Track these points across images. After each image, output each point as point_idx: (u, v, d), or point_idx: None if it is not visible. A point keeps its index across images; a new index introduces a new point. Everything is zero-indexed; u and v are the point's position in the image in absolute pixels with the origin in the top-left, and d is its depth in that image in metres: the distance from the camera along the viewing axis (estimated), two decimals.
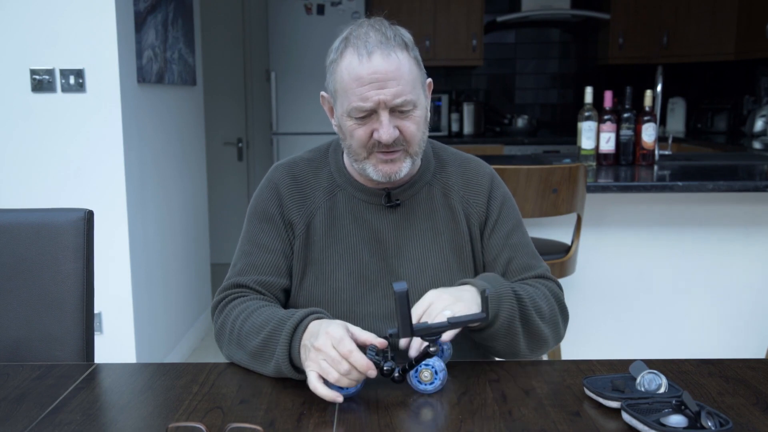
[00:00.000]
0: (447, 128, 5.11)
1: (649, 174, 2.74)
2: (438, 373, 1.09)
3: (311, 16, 4.65)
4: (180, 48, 3.37)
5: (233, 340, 1.24)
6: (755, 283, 2.80)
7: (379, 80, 1.21)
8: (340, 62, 1.25)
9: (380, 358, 1.08)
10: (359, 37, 1.24)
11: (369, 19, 1.29)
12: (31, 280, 1.39)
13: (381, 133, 1.24)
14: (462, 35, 5.01)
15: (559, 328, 1.33)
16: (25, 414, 1.05)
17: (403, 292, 1.01)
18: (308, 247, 1.34)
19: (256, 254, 1.35)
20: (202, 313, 3.88)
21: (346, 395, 1.07)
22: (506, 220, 1.39)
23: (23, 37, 2.66)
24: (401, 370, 1.09)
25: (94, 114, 2.71)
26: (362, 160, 1.29)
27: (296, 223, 1.35)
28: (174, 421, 1.01)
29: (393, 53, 1.22)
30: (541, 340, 1.29)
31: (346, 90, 1.24)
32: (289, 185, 1.37)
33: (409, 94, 1.24)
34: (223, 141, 5.31)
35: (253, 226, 1.38)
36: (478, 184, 1.39)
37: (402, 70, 1.23)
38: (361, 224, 1.34)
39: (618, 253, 2.80)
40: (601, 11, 5.00)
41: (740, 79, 5.01)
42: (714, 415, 0.94)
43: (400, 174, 1.29)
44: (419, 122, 1.27)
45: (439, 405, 1.06)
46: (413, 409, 1.05)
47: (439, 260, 1.35)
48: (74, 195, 2.75)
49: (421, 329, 1.06)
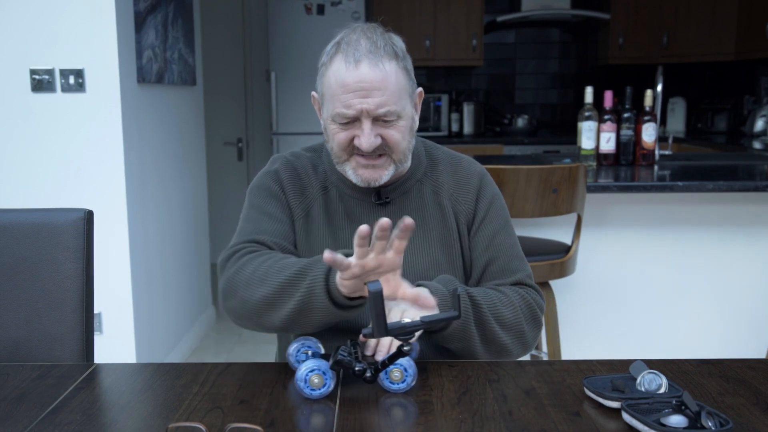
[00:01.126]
0: (447, 128, 5.11)
1: (649, 174, 2.74)
2: (408, 370, 1.09)
3: (311, 16, 4.65)
4: (180, 48, 3.37)
5: (254, 279, 1.20)
6: (755, 283, 2.80)
7: (365, 89, 1.23)
8: (329, 66, 1.27)
9: (351, 359, 1.09)
10: (350, 43, 1.25)
11: (364, 24, 1.30)
12: (31, 280, 1.39)
13: (361, 141, 1.26)
14: (462, 35, 5.00)
15: (525, 337, 1.32)
16: (25, 414, 1.05)
17: (378, 292, 1.01)
18: (308, 234, 1.36)
19: (267, 222, 1.33)
20: (202, 313, 3.88)
21: (319, 396, 1.07)
22: (493, 220, 1.40)
23: (23, 37, 2.66)
24: (373, 371, 1.10)
25: (94, 114, 2.71)
26: (342, 163, 1.31)
27: (295, 208, 1.37)
28: (174, 421, 1.01)
29: (381, 63, 1.23)
30: (501, 347, 1.29)
31: (332, 95, 1.26)
32: (290, 175, 1.39)
33: (393, 105, 1.25)
34: (223, 141, 5.31)
35: (260, 200, 1.37)
36: (467, 182, 1.40)
37: (388, 80, 1.24)
38: (353, 220, 1.36)
39: (618, 253, 2.80)
40: (601, 11, 5.00)
41: (740, 79, 5.01)
42: (714, 415, 0.94)
43: (381, 180, 1.31)
44: (403, 131, 1.29)
45: (439, 405, 1.06)
46: (413, 409, 1.05)
47: (429, 257, 1.36)
48: (74, 195, 2.75)
49: (396, 329, 1.06)
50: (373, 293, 1.01)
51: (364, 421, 1.01)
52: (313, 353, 1.18)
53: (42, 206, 1.68)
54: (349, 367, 1.08)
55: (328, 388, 1.08)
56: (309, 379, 1.07)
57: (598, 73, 5.35)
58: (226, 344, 3.76)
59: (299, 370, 1.07)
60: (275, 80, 4.67)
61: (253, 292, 1.20)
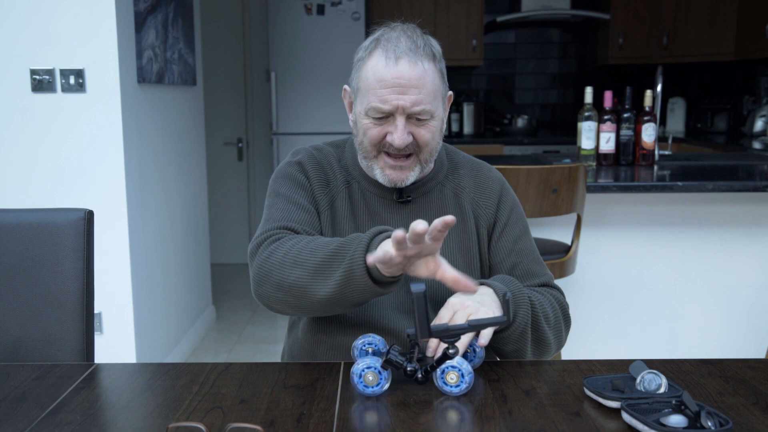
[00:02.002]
0: (447, 128, 5.11)
1: (649, 174, 2.74)
2: (465, 376, 1.08)
3: (311, 16, 4.65)
4: (180, 48, 3.37)
5: (287, 261, 1.19)
6: (755, 283, 2.80)
7: (402, 86, 1.24)
8: (367, 61, 1.28)
9: (404, 359, 1.09)
10: (390, 40, 1.26)
11: (403, 24, 1.32)
12: (31, 280, 1.39)
13: (394, 137, 1.27)
14: (462, 35, 5.01)
15: (562, 336, 1.36)
16: (25, 414, 1.05)
17: (421, 293, 1.01)
18: (335, 225, 1.36)
19: (295, 211, 1.33)
20: (202, 313, 3.88)
21: (371, 394, 1.08)
22: (515, 226, 1.41)
23: (23, 37, 2.66)
24: (424, 372, 1.10)
25: (94, 114, 2.71)
26: (371, 159, 1.32)
27: (320, 200, 1.36)
28: (174, 421, 1.01)
29: (420, 62, 1.25)
30: (546, 345, 1.31)
31: (369, 89, 1.27)
32: (314, 166, 1.39)
33: (429, 104, 1.26)
34: (223, 141, 5.31)
35: (286, 189, 1.36)
36: (489, 188, 1.42)
37: (425, 79, 1.25)
38: (374, 216, 1.37)
39: (618, 253, 2.80)
40: (601, 11, 5.00)
41: (740, 79, 5.01)
42: (714, 415, 0.94)
43: (407, 182, 1.32)
44: (434, 132, 1.30)
45: (439, 405, 1.06)
46: (413, 409, 1.05)
47: (447, 259, 1.35)
48: (74, 195, 2.75)
49: (439, 330, 1.06)
50: (416, 295, 1.01)
51: (364, 420, 1.01)
52: (374, 351, 1.18)
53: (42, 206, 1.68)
54: (400, 367, 1.08)
55: (382, 387, 1.08)
56: (364, 375, 1.07)
57: (598, 73, 5.35)
58: (226, 344, 3.76)
59: (356, 365, 1.08)
60: (275, 80, 4.67)
61: (288, 274, 1.19)
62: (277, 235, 1.27)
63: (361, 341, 1.19)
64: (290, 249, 1.21)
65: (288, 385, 1.14)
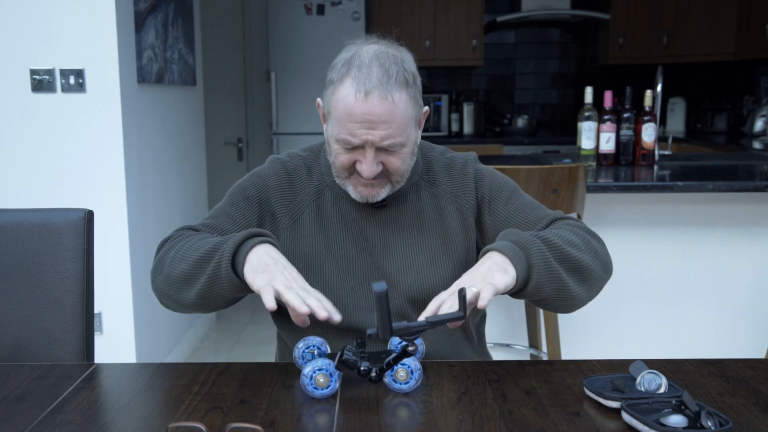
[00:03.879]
0: (447, 128, 5.11)
1: (649, 174, 2.74)
2: (413, 372, 1.10)
3: (311, 16, 4.65)
4: (180, 48, 3.37)
5: (177, 257, 1.25)
6: (755, 283, 2.79)
7: (372, 121, 1.22)
8: (338, 87, 1.25)
9: (357, 359, 1.09)
10: (361, 68, 1.23)
11: (377, 42, 1.29)
12: (31, 280, 1.39)
13: (363, 168, 1.27)
14: (462, 35, 5.01)
15: (599, 254, 1.28)
16: (25, 414, 1.05)
17: (383, 292, 1.01)
18: (297, 240, 1.37)
19: (223, 221, 1.36)
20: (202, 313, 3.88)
21: (321, 396, 1.07)
22: (500, 193, 1.39)
23: (23, 37, 2.66)
24: (378, 370, 1.10)
25: (94, 114, 2.71)
26: (343, 179, 1.33)
27: (281, 216, 1.38)
28: (174, 421, 1.01)
29: (390, 95, 1.22)
30: (587, 270, 1.24)
31: (338, 119, 1.25)
32: (282, 179, 1.39)
33: (398, 137, 1.25)
34: (223, 141, 5.31)
35: (231, 200, 1.40)
36: (463, 175, 1.41)
37: (396, 113, 1.23)
38: (348, 222, 1.37)
39: (618, 253, 2.78)
40: (601, 11, 5.00)
41: (740, 79, 5.01)
42: (714, 415, 0.94)
43: (379, 197, 1.32)
44: (404, 158, 1.29)
45: (439, 405, 1.06)
46: (413, 409, 1.05)
47: (426, 256, 1.37)
48: (74, 195, 2.75)
49: (400, 329, 1.06)
50: (377, 293, 1.02)
51: (365, 421, 1.01)
52: (319, 353, 1.18)
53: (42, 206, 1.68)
54: (355, 367, 1.09)
55: (333, 388, 1.08)
56: (315, 378, 1.07)
57: (597, 73, 5.35)
58: (226, 344, 3.76)
59: (305, 369, 1.08)
60: (275, 80, 4.67)
61: (174, 269, 1.25)
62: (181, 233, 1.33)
63: (301, 346, 1.19)
64: (183, 245, 1.27)
65: (288, 385, 1.14)
